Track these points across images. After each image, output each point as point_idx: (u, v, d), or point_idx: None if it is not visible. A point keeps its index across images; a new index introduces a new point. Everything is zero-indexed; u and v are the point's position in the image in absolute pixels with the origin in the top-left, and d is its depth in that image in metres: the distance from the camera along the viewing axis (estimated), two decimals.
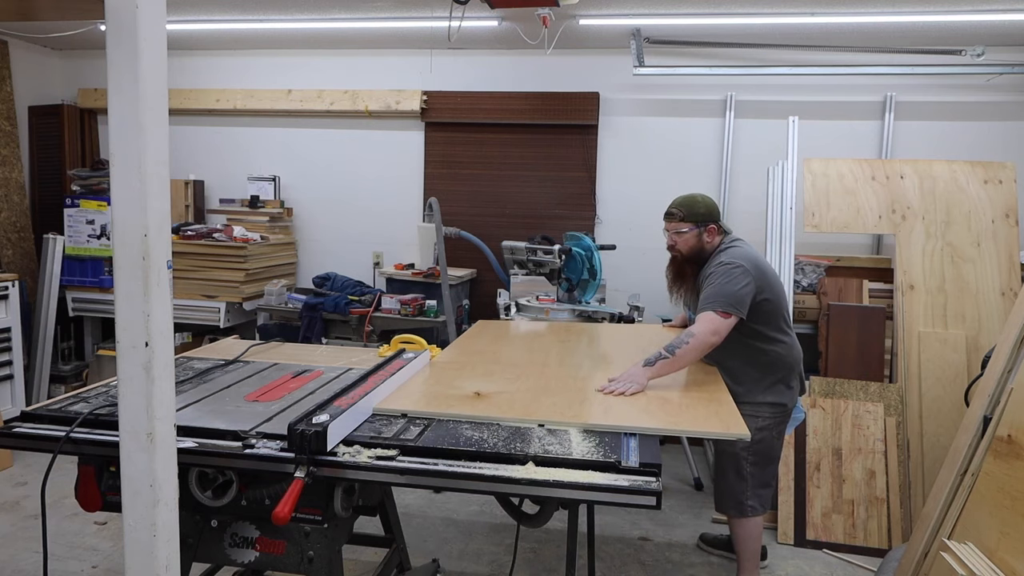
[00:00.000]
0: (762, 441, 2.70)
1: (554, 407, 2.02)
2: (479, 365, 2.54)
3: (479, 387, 2.22)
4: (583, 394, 2.18)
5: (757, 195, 4.36)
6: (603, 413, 1.99)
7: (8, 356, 4.35)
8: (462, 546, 3.32)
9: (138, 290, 1.44)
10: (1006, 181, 3.85)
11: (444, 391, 2.19)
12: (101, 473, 1.90)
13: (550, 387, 2.25)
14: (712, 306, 2.48)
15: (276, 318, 4.64)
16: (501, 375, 2.39)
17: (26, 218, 5.22)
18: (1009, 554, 2.05)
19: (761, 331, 2.66)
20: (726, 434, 1.90)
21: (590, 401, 2.11)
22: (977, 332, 3.65)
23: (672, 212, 2.78)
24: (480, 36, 4.60)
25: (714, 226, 2.74)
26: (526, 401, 2.09)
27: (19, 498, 3.68)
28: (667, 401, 2.17)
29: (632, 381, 2.25)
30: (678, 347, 2.37)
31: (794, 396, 2.78)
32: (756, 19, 4.06)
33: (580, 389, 2.23)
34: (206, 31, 4.80)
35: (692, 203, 2.75)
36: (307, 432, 1.70)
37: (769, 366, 2.69)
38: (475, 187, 5.07)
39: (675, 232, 2.77)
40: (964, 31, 4.09)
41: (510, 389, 2.21)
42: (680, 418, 2.01)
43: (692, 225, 2.73)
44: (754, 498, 2.78)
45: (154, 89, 1.42)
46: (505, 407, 2.02)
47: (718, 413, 2.05)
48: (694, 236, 2.74)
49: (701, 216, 2.72)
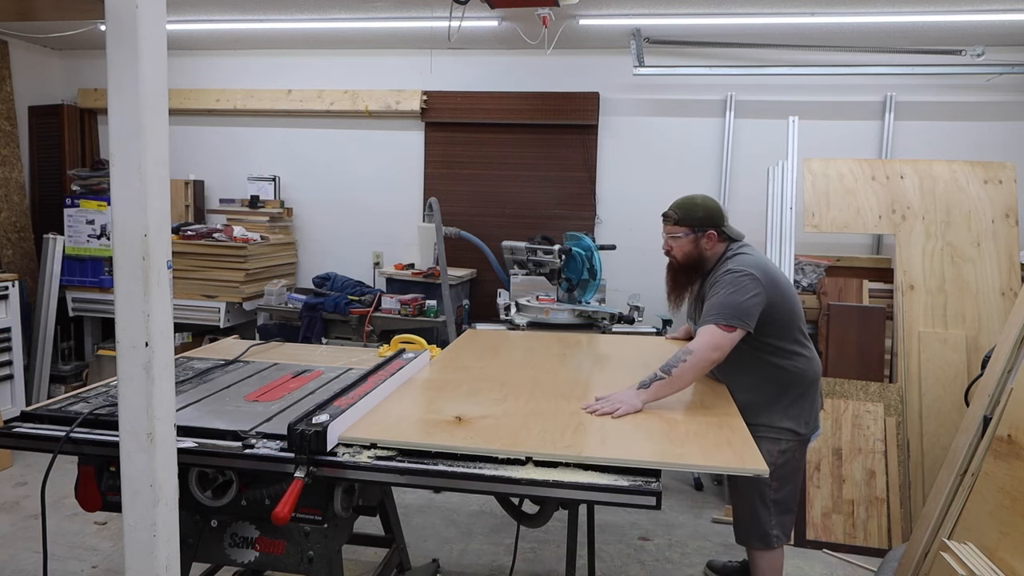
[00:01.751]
0: (786, 465, 2.44)
1: (545, 436, 1.82)
2: (463, 383, 2.34)
3: (461, 410, 2.02)
4: (578, 418, 1.99)
5: (757, 195, 4.36)
6: (600, 443, 1.79)
7: (8, 356, 4.35)
8: (462, 546, 3.32)
9: (138, 290, 1.44)
10: (1006, 181, 3.85)
11: (422, 415, 2.00)
12: (101, 473, 1.90)
13: (541, 410, 2.05)
14: (715, 319, 2.25)
15: (276, 318, 4.64)
16: (487, 395, 2.20)
17: (26, 218, 5.22)
18: (1009, 554, 2.05)
19: (777, 345, 2.42)
20: (741, 469, 1.69)
21: (585, 428, 1.91)
22: (977, 332, 3.65)
23: (667, 214, 2.57)
24: (480, 36, 4.60)
25: (713, 232, 2.49)
26: (513, 428, 1.88)
27: (19, 498, 3.68)
28: (672, 427, 1.95)
29: (622, 403, 2.05)
30: (675, 366, 2.16)
31: (817, 414, 2.52)
32: (756, 19, 4.06)
33: (574, 412, 2.04)
34: (206, 31, 4.80)
35: (690, 206, 2.52)
36: (307, 432, 1.70)
37: (789, 383, 2.44)
38: (475, 187, 5.07)
39: (670, 236, 2.56)
40: (964, 31, 4.09)
41: (495, 413, 2.01)
42: (687, 448, 1.78)
43: (688, 230, 2.50)
44: (778, 527, 2.51)
45: (154, 89, 1.42)
46: (489, 436, 1.82)
47: (731, 442, 1.83)
48: (690, 242, 2.51)
49: (698, 220, 2.49)
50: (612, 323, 3.54)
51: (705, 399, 2.27)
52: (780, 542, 2.53)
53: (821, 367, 2.56)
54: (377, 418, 1.95)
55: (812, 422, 2.49)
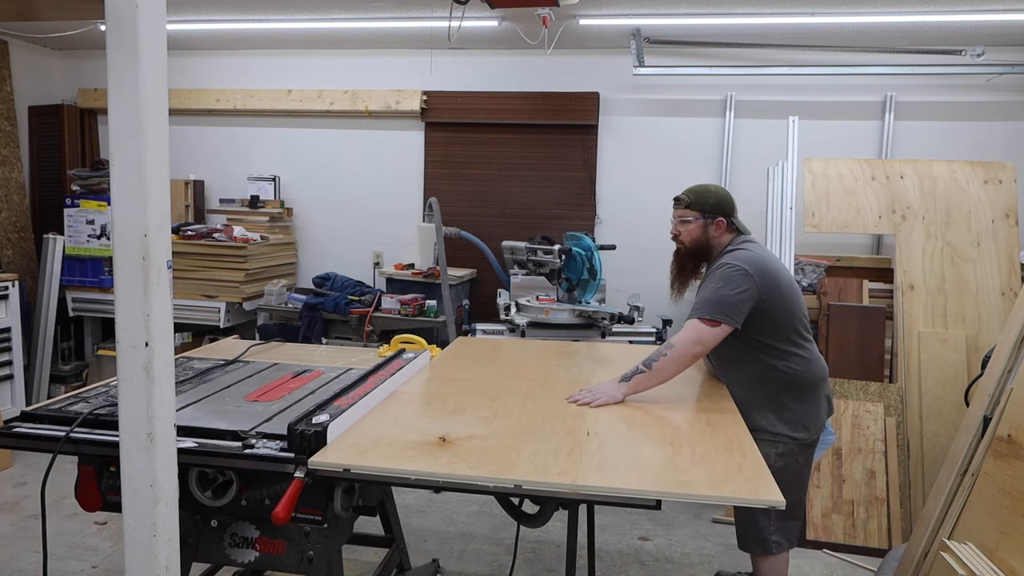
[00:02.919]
0: (785, 469, 2.33)
1: (536, 460, 1.69)
2: (451, 398, 2.20)
3: (446, 429, 1.88)
4: (573, 439, 1.85)
5: (757, 195, 4.36)
6: (597, 469, 1.66)
7: (8, 356, 4.35)
8: (462, 546, 3.32)
9: (138, 290, 1.44)
10: (1006, 181, 3.85)
11: (402, 435, 1.84)
12: (101, 473, 1.90)
13: (533, 428, 1.92)
14: (699, 313, 2.27)
15: (276, 318, 4.64)
16: (475, 411, 2.07)
17: (26, 218, 5.22)
18: (1009, 554, 2.05)
19: (771, 344, 2.35)
20: (754, 501, 1.55)
21: (581, 450, 1.77)
22: (977, 332, 3.65)
23: (680, 198, 2.54)
24: (480, 36, 4.60)
25: (723, 220, 2.47)
26: (502, 451, 1.75)
27: (19, 498, 3.68)
28: (677, 449, 1.81)
29: (603, 393, 2.13)
30: (656, 360, 2.20)
31: (820, 418, 2.44)
32: (756, 19, 4.06)
33: (569, 431, 1.90)
34: (206, 31, 4.80)
35: (703, 192, 2.51)
36: (307, 432, 1.70)
37: (784, 385, 2.36)
38: (475, 187, 5.07)
39: (680, 220, 2.52)
40: (964, 31, 4.09)
41: (483, 432, 1.87)
42: (693, 475, 1.64)
43: (698, 214, 2.48)
44: (779, 532, 2.45)
45: (154, 89, 1.42)
46: (476, 459, 1.68)
47: (742, 468, 1.69)
48: (699, 227, 2.48)
49: (710, 207, 2.47)
50: (612, 323, 3.54)
51: (712, 416, 2.11)
52: (780, 548, 2.47)
53: (825, 369, 2.47)
54: (355, 438, 1.79)
55: (814, 427, 2.41)
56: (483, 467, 1.65)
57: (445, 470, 1.63)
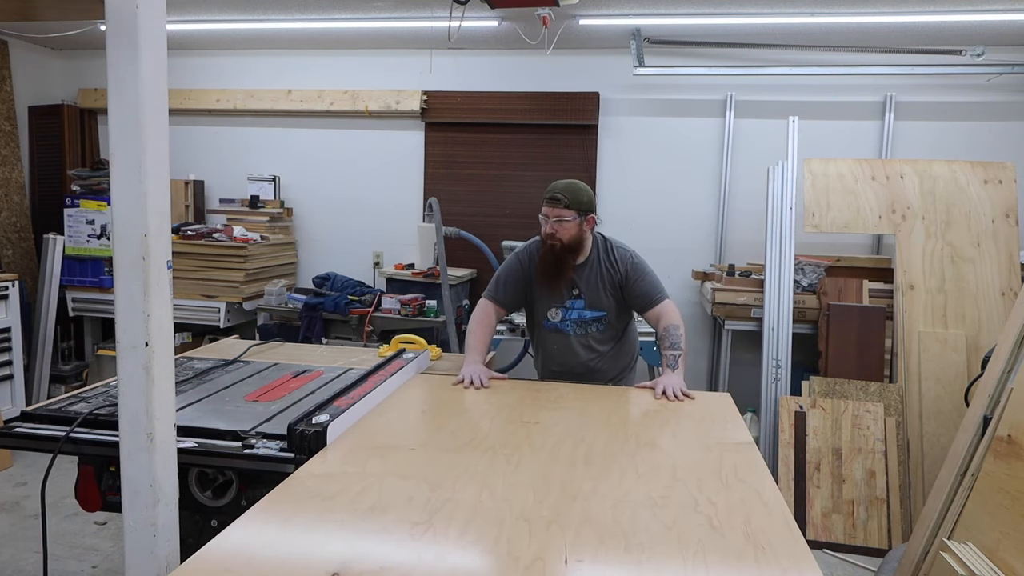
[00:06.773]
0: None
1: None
2: (374, 484, 1.53)
3: (346, 554, 1.22)
4: (543, 569, 1.18)
5: (757, 195, 4.36)
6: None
7: (8, 356, 4.35)
8: None
9: (138, 290, 1.44)
10: (1006, 181, 3.85)
11: (282, 560, 1.20)
12: (101, 473, 1.90)
13: (484, 548, 1.27)
14: (663, 294, 2.68)
15: (276, 318, 4.64)
16: (402, 512, 1.39)
17: (26, 218, 5.22)
18: (1009, 554, 2.05)
19: (632, 315, 2.87)
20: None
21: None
22: (977, 332, 3.65)
23: (557, 197, 2.56)
24: (480, 36, 4.60)
25: (593, 217, 2.63)
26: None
27: (19, 498, 3.68)
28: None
29: (678, 386, 2.43)
30: (679, 340, 2.56)
31: None
32: (756, 19, 4.06)
33: (538, 557, 1.22)
34: (206, 31, 4.80)
35: (577, 190, 2.58)
36: (307, 432, 1.70)
37: (633, 348, 2.93)
38: (475, 187, 5.07)
39: (557, 220, 2.56)
40: (964, 31, 4.09)
41: (404, 561, 1.21)
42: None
43: (576, 214, 2.56)
44: None
45: (154, 89, 1.42)
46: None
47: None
48: (576, 226, 2.58)
49: (584, 205, 2.58)
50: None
51: (719, 496, 1.56)
52: None
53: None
54: (223, 557, 1.20)
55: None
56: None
57: None
